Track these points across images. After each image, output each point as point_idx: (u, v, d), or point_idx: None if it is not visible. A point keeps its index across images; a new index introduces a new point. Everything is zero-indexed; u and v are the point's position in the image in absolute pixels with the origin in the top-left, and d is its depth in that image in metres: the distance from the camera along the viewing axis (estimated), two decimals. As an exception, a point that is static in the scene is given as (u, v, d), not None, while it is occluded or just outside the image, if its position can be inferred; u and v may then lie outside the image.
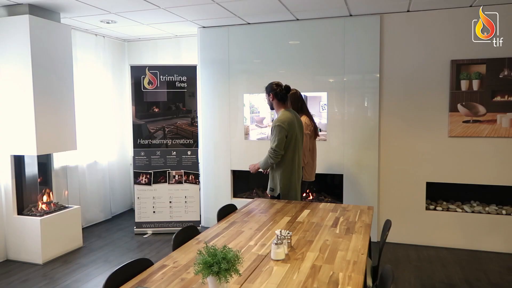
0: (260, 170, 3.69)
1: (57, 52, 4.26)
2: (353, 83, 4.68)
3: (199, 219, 5.11)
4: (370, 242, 2.60)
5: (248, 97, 5.07)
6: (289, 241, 2.31)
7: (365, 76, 4.64)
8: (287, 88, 3.57)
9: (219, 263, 1.68)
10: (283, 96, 3.55)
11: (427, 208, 4.59)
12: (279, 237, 2.21)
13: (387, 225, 2.74)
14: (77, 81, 4.90)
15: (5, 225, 4.19)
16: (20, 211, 4.22)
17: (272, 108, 3.65)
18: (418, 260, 4.14)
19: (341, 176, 4.84)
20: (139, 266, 2.07)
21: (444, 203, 4.66)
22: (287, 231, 2.37)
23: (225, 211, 3.19)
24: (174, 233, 4.97)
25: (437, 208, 4.60)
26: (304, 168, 3.99)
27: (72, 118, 4.47)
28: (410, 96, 4.52)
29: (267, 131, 5.00)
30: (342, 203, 4.72)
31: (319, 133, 4.47)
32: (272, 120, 4.60)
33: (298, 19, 4.76)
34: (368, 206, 3.33)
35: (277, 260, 2.14)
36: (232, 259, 1.71)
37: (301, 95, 4.09)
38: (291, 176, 3.57)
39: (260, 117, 5.05)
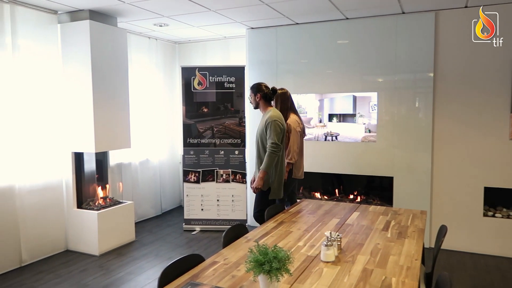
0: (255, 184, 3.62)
1: (114, 55, 4.48)
2: (405, 83, 4.53)
3: (245, 218, 5.16)
4: (423, 247, 2.51)
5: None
6: (339, 243, 2.29)
7: (418, 75, 4.48)
8: (274, 90, 3.73)
9: (270, 262, 1.69)
10: (270, 97, 3.69)
11: (485, 215, 4.34)
12: (329, 239, 2.19)
13: (443, 230, 2.62)
14: (131, 82, 5.11)
15: (66, 217, 4.47)
16: (79, 205, 4.48)
17: (256, 108, 3.77)
18: (474, 269, 3.93)
19: (390, 178, 4.70)
20: (191, 261, 2.13)
21: (504, 209, 4.39)
22: (337, 233, 2.35)
23: (274, 211, 3.21)
24: (221, 231, 5.09)
25: (496, 215, 4.33)
26: (294, 165, 4.04)
27: (127, 118, 4.68)
28: (467, 96, 4.30)
29: (315, 132, 4.96)
30: (392, 206, 4.58)
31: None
32: (273, 121, 4.51)
33: (347, 18, 4.68)
34: (421, 211, 3.22)
35: (327, 262, 2.13)
36: (283, 259, 1.73)
37: (290, 95, 4.18)
38: (282, 171, 3.66)
39: (307, 118, 5.02)
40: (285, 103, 4.05)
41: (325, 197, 5.17)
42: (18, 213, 3.98)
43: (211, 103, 5.14)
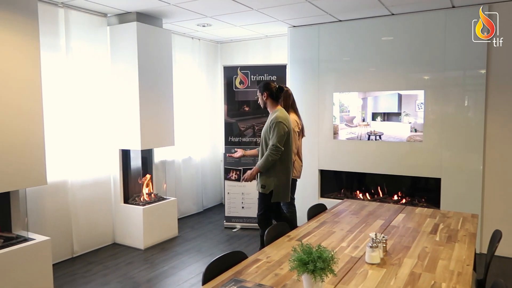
0: (245, 177, 3.61)
1: (160, 55, 4.62)
2: (454, 80, 4.33)
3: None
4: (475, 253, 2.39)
5: (337, 96, 4.98)
6: (384, 245, 2.22)
7: (468, 72, 4.26)
8: (281, 88, 3.62)
9: (315, 262, 1.68)
10: (277, 95, 3.58)
11: (542, 220, 4.07)
12: (374, 240, 2.14)
13: (497, 235, 2.49)
14: (175, 82, 5.24)
15: (114, 212, 4.67)
16: (126, 200, 4.66)
17: (264, 107, 3.67)
18: (529, 277, 3.70)
19: (437, 180, 4.51)
20: (234, 258, 2.15)
21: None
22: (382, 234, 2.29)
23: (315, 210, 3.18)
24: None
25: (555, 220, 4.05)
26: (293, 166, 3.94)
27: (171, 116, 4.81)
28: (524, 93, 4.04)
29: (358, 131, 4.86)
30: (439, 208, 4.40)
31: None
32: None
33: (393, 14, 4.55)
34: (472, 214, 3.07)
35: (372, 264, 2.08)
36: (328, 259, 1.70)
37: (291, 93, 4.11)
38: (287, 173, 3.53)
39: (350, 116, 4.92)
40: (286, 102, 3.98)
41: (368, 197, 5.05)
42: (70, 206, 4.20)
43: (253, 101, 5.16)
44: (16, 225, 3.52)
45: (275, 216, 3.68)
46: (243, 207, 5.20)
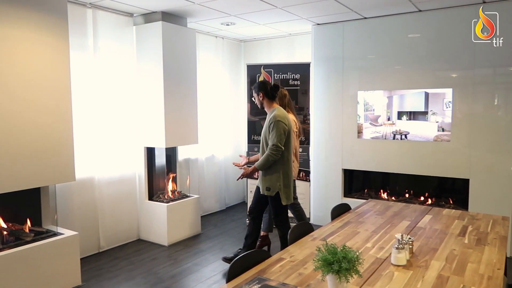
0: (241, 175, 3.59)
1: (184, 54, 4.66)
2: (483, 78, 4.20)
3: (308, 216, 5.12)
4: (506, 257, 2.32)
5: (362, 94, 4.91)
6: (410, 246, 2.18)
7: (499, 70, 4.12)
8: (276, 86, 3.54)
9: (340, 262, 1.66)
10: (273, 94, 3.51)
11: None
12: (400, 242, 2.10)
13: (529, 239, 2.40)
14: (199, 80, 5.29)
15: (139, 208, 4.75)
16: (151, 197, 4.74)
17: (261, 107, 3.60)
18: None
19: (465, 180, 4.39)
20: (258, 256, 2.16)
21: None
22: (408, 235, 2.24)
23: (339, 210, 3.15)
24: (284, 228, 5.07)
25: None
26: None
27: (195, 115, 4.85)
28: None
29: (382, 130, 4.78)
30: (467, 210, 4.28)
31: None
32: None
33: (420, 10, 4.44)
34: (502, 216, 2.97)
35: (398, 266, 2.04)
36: (353, 259, 1.68)
37: (287, 93, 4.06)
38: (289, 173, 3.47)
39: (375, 115, 4.85)
40: (281, 101, 3.93)
41: (393, 198, 4.97)
42: (97, 202, 4.30)
43: (276, 100, 5.14)
44: (46, 220, 3.63)
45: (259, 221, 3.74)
46: (265, 206, 5.19)
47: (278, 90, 3.56)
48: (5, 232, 3.20)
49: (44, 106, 3.22)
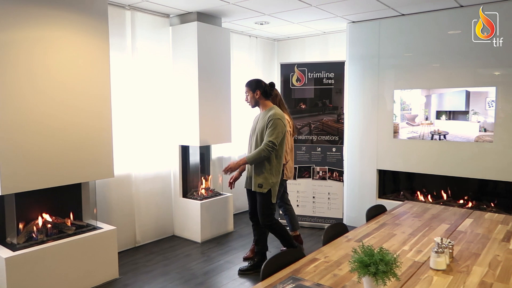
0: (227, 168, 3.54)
1: (218, 54, 4.72)
2: (531, 76, 3.99)
3: (341, 217, 5.06)
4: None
5: (399, 93, 4.78)
6: (450, 251, 2.11)
7: (549, 67, 3.91)
8: (272, 84, 3.47)
9: (377, 264, 1.63)
10: (270, 93, 3.47)
11: None
12: (439, 245, 2.03)
13: None
14: (232, 80, 5.33)
15: (173, 205, 4.86)
16: (185, 194, 4.83)
17: (254, 106, 3.54)
18: None
19: (508, 183, 4.19)
20: (292, 256, 2.15)
21: None
22: (448, 239, 2.17)
23: (374, 211, 3.09)
24: (316, 228, 5.05)
25: None
26: (285, 166, 3.82)
27: (229, 114, 4.90)
28: None
29: (420, 130, 4.64)
30: (510, 214, 4.08)
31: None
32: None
33: (462, 6, 4.27)
34: (550, 222, 2.81)
35: (437, 270, 1.98)
36: (391, 262, 1.65)
37: (278, 92, 4.01)
38: (280, 172, 3.44)
39: (411, 115, 4.71)
40: (273, 101, 3.83)
41: (430, 200, 4.81)
42: (134, 198, 4.43)
43: (309, 99, 5.11)
44: (86, 214, 3.78)
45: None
46: (298, 205, 5.18)
47: (274, 87, 3.55)
48: (49, 225, 3.35)
49: (86, 106, 3.34)
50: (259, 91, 3.45)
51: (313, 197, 5.12)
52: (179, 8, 4.36)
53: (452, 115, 4.47)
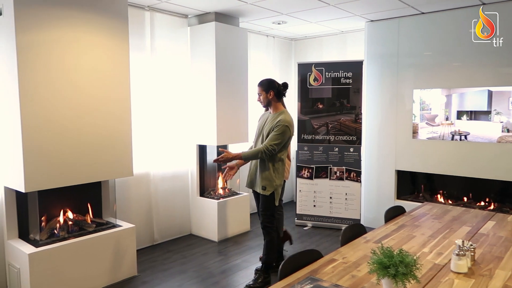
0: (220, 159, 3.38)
1: (236, 53, 4.73)
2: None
3: (358, 218, 5.01)
4: None
5: (418, 93, 4.71)
6: (472, 253, 2.07)
7: None
8: (286, 85, 3.40)
9: (396, 266, 1.61)
10: (283, 94, 3.42)
11: None
12: (461, 248, 2.00)
13: None
14: (249, 79, 5.34)
15: (191, 204, 4.90)
16: (202, 193, 4.86)
17: (266, 106, 3.47)
18: None
19: (534, 185, 4.08)
20: (310, 256, 2.15)
21: None
22: (470, 242, 2.13)
23: (393, 213, 3.05)
24: (333, 228, 5.02)
25: None
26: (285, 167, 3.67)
27: (246, 113, 4.91)
28: None
29: (440, 130, 4.56)
30: (534, 217, 3.97)
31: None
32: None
33: (484, 4, 4.18)
34: None
35: (459, 273, 1.94)
36: (411, 264, 1.63)
37: None
38: (283, 175, 3.42)
39: (431, 115, 4.63)
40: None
41: (450, 201, 4.72)
42: (152, 197, 4.48)
43: (327, 99, 5.08)
44: (106, 212, 3.85)
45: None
46: (314, 206, 5.16)
47: (287, 88, 3.46)
48: (70, 222, 3.42)
49: (106, 106, 3.40)
50: (273, 91, 3.37)
51: (330, 198, 5.09)
52: (197, 8, 4.40)
53: (474, 115, 4.38)
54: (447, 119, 4.52)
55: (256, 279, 3.43)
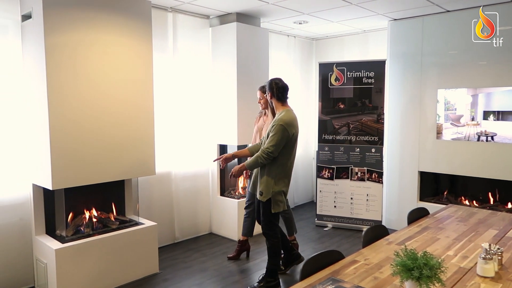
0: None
1: (257, 54, 4.74)
2: None
3: (380, 219, 4.94)
4: None
5: (442, 93, 4.61)
6: (499, 257, 2.01)
7: None
8: (285, 87, 3.27)
9: (420, 269, 1.59)
10: (284, 94, 3.26)
11: None
12: (487, 251, 1.95)
13: None
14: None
15: (211, 203, 4.94)
16: (222, 193, 4.89)
17: (271, 108, 3.36)
18: None
19: None
20: (331, 257, 2.13)
21: None
22: (496, 246, 2.07)
23: (416, 214, 3.00)
24: (354, 229, 4.98)
25: None
26: None
27: (266, 113, 4.91)
28: None
29: (465, 131, 4.45)
30: None
31: None
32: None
33: (511, 1, 4.06)
34: None
35: (485, 277, 1.89)
36: (435, 267, 1.60)
37: None
38: (286, 180, 3.20)
39: (456, 115, 4.53)
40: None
41: (475, 204, 4.61)
42: (173, 196, 4.54)
43: (348, 99, 5.04)
44: (129, 210, 3.92)
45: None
46: (335, 206, 5.12)
47: (287, 89, 3.30)
48: (94, 220, 3.51)
49: (130, 105, 3.47)
50: (270, 93, 3.27)
51: (351, 198, 5.04)
52: (218, 9, 4.43)
53: (501, 115, 4.25)
54: (473, 119, 4.41)
55: (258, 282, 3.38)
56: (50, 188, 3.03)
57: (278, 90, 3.25)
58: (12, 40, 3.28)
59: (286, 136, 3.09)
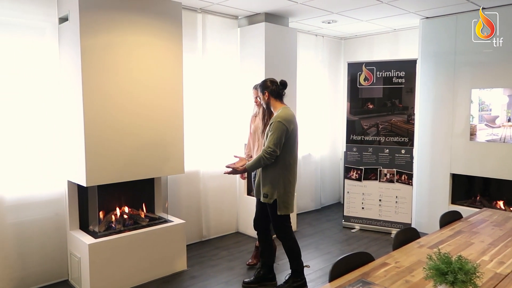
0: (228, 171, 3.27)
1: (285, 53, 4.74)
2: None
3: (409, 222, 4.84)
4: None
5: (477, 93, 4.47)
6: (538, 264, 1.94)
7: None
8: (283, 83, 3.16)
9: (455, 273, 1.55)
10: (279, 92, 3.21)
11: None
12: (526, 258, 1.88)
13: None
14: (298, 79, 5.32)
15: (238, 203, 4.97)
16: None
17: (268, 108, 3.27)
18: None
19: None
20: (360, 259, 2.11)
21: None
22: (536, 252, 1.99)
23: (448, 218, 2.92)
24: (382, 232, 4.90)
25: None
26: None
27: (294, 112, 4.87)
28: None
29: (501, 132, 4.29)
30: None
31: None
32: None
33: (553, -3, 3.89)
34: None
35: (523, 284, 1.83)
36: (471, 272, 1.56)
37: None
38: (292, 180, 3.10)
39: (491, 116, 4.38)
40: None
41: (511, 208, 4.44)
42: (201, 194, 4.60)
43: (377, 99, 4.95)
44: (158, 208, 4.00)
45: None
46: (363, 208, 5.05)
47: (285, 87, 3.25)
48: (125, 216, 3.60)
49: (160, 105, 3.54)
50: (267, 91, 3.22)
51: (380, 200, 4.96)
52: (247, 9, 4.45)
53: (540, 116, 4.08)
54: (509, 120, 4.25)
55: (285, 282, 3.36)
56: (84, 185, 3.13)
57: (273, 89, 3.22)
58: (49, 41, 3.41)
59: (285, 131, 3.05)
